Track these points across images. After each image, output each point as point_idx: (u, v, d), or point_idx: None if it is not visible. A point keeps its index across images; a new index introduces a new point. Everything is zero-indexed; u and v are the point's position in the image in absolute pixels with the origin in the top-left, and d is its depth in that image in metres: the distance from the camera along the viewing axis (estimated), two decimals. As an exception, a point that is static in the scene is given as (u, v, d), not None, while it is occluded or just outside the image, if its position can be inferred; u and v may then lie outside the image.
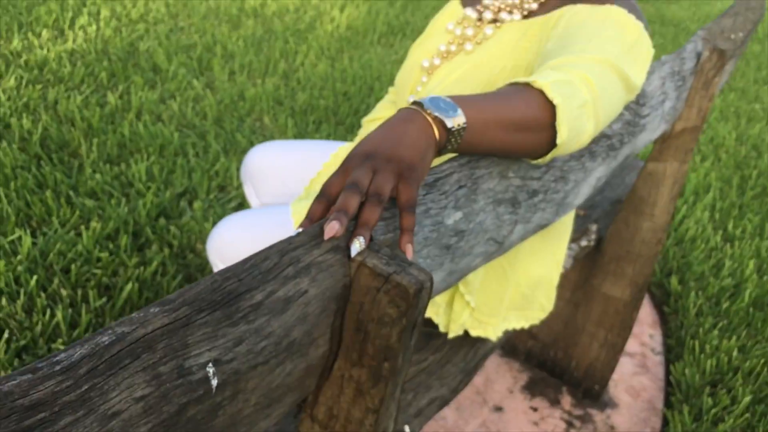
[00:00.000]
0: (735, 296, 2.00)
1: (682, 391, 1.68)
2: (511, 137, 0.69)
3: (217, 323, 0.44)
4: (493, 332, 1.14)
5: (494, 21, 1.06)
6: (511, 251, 1.10)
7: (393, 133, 0.61)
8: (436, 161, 1.04)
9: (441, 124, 0.63)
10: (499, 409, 1.63)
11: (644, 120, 1.13)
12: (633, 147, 1.14)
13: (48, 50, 2.77)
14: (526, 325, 1.23)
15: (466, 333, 1.16)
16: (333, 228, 0.52)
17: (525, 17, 1.03)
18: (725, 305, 1.94)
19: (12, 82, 2.46)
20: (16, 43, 2.77)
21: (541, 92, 0.72)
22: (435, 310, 1.09)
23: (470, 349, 1.15)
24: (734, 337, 1.79)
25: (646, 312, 2.04)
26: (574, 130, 0.74)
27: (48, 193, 1.88)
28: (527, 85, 0.73)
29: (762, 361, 1.73)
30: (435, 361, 1.12)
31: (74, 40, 2.92)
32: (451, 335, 1.09)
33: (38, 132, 2.17)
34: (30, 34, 2.88)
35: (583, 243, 1.50)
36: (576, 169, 0.95)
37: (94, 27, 3.07)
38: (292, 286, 0.49)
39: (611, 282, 1.57)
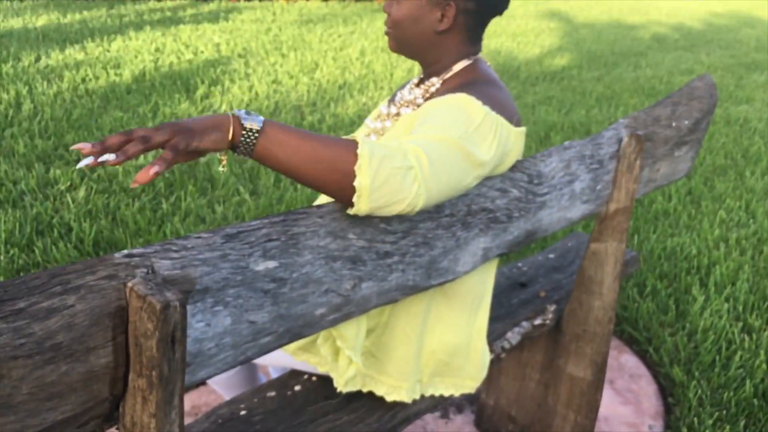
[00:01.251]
0: (740, 387, 1.93)
1: (665, 480, 1.63)
2: (310, 164, 0.83)
3: (-23, 319, 0.60)
4: (407, 395, 1.22)
5: (398, 115, 1.22)
6: (414, 318, 1.20)
7: (194, 119, 0.82)
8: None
9: (238, 122, 0.82)
10: (470, 490, 1.64)
11: (542, 197, 1.23)
12: (535, 222, 1.24)
13: (120, 166, 3.17)
14: (456, 392, 1.30)
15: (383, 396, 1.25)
16: (80, 145, 0.73)
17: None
18: (727, 395, 1.88)
19: (82, 192, 2.84)
20: (94, 160, 3.20)
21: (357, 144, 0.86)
22: (319, 360, 1.20)
23: (386, 412, 1.23)
24: (728, 427, 1.73)
25: (651, 403, 2.00)
26: (387, 185, 0.85)
27: (86, 283, 2.14)
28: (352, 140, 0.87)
29: (754, 451, 1.66)
30: (348, 420, 1.20)
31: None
32: (340, 389, 1.18)
33: (93, 234, 2.49)
34: (108, 153, 3.31)
35: (537, 322, 1.55)
36: (444, 236, 1.06)
37: (165, 145, 3.48)
38: (58, 300, 0.65)
39: (574, 362, 1.59)
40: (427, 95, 1.18)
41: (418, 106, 1.18)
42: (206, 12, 8.10)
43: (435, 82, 1.18)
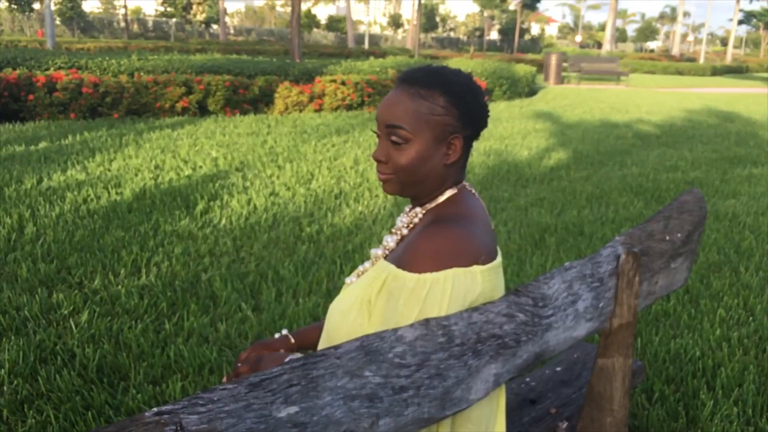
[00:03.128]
0: (760, 496, 1.89)
1: None
2: None
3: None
4: None
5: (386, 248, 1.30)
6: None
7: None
8: None
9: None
10: None
11: (548, 320, 1.26)
12: (542, 344, 1.26)
13: (122, 286, 3.19)
14: None
15: None
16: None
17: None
18: (747, 506, 1.84)
19: (85, 316, 2.85)
20: (97, 282, 3.23)
21: None
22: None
23: None
24: None
25: None
26: None
27: (90, 414, 2.12)
28: None
29: None
30: None
31: (147, 276, 3.35)
32: None
33: (96, 359, 2.48)
34: (110, 274, 3.35)
35: (550, 440, 1.54)
36: (456, 366, 1.08)
37: (166, 264, 3.52)
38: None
39: (589, 481, 1.57)
40: (411, 225, 1.26)
41: (404, 236, 1.27)
42: (203, 127, 8.36)
43: (418, 212, 1.26)
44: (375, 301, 1.17)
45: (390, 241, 1.27)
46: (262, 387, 0.83)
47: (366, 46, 40.90)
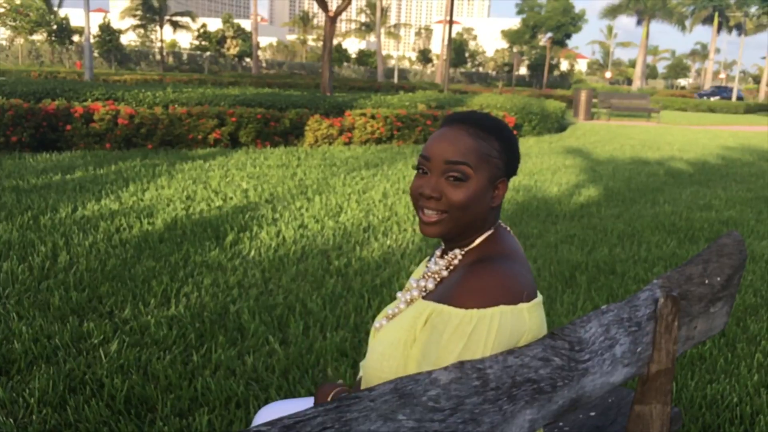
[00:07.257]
0: None
1: None
2: None
3: None
4: None
5: (423, 288, 1.29)
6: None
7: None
8: None
9: None
10: None
11: (584, 364, 1.23)
12: (578, 390, 1.23)
13: (152, 316, 3.21)
14: None
15: None
16: None
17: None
18: None
19: (115, 346, 2.86)
20: (127, 311, 3.25)
21: None
22: None
23: None
24: None
25: None
26: None
27: (117, 444, 2.11)
28: None
29: None
30: None
31: (176, 306, 3.37)
32: None
33: (125, 390, 2.48)
34: (140, 304, 3.37)
35: (584, 489, 1.50)
36: (490, 411, 1.06)
37: (195, 294, 3.54)
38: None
39: None
40: (451, 267, 1.26)
41: (443, 278, 1.25)
42: (234, 159, 8.47)
43: (457, 254, 1.26)
44: (418, 336, 1.16)
45: (429, 283, 1.26)
46: (296, 430, 0.81)
47: (395, 80, 41.30)
